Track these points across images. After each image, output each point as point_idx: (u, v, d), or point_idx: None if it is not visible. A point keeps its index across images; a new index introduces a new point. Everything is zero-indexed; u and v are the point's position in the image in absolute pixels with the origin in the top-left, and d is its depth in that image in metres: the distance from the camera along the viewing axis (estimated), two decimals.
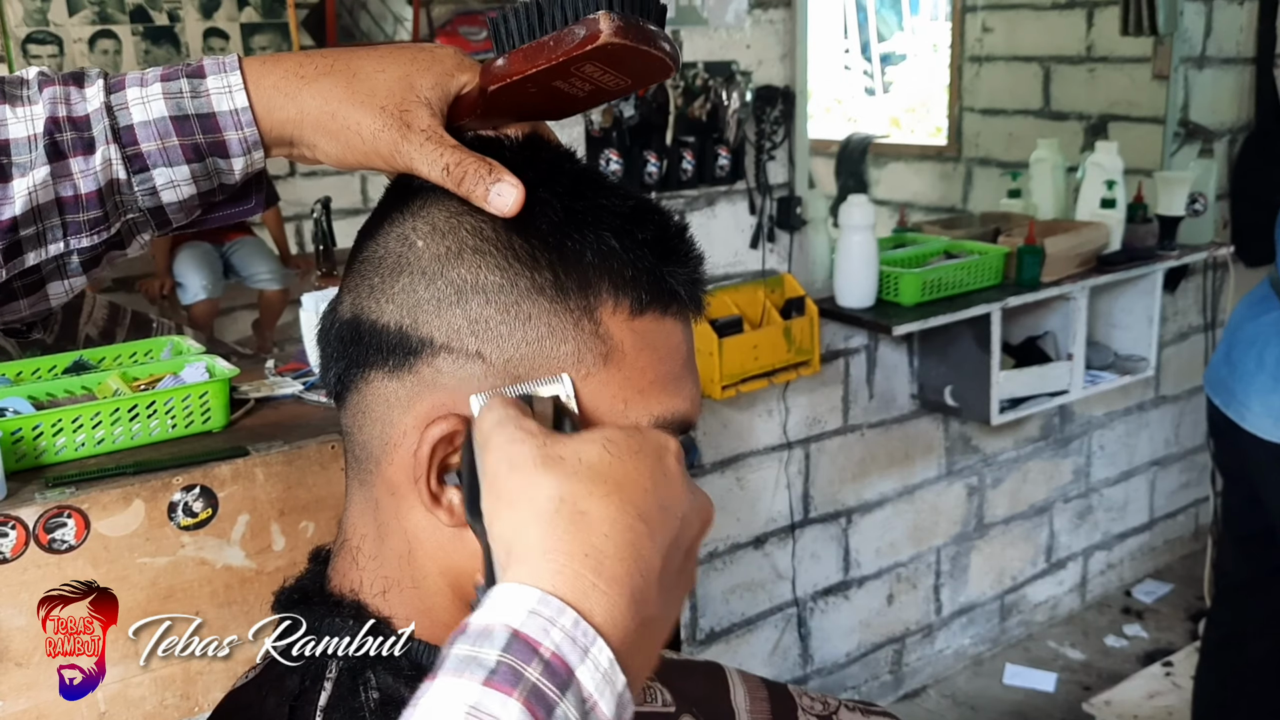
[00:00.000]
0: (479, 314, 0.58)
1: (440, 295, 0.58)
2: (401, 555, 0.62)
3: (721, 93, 2.18)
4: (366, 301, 0.60)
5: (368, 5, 3.20)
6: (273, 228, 2.93)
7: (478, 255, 0.59)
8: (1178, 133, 3.04)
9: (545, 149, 0.64)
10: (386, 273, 0.60)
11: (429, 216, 0.60)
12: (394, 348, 0.59)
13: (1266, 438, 1.87)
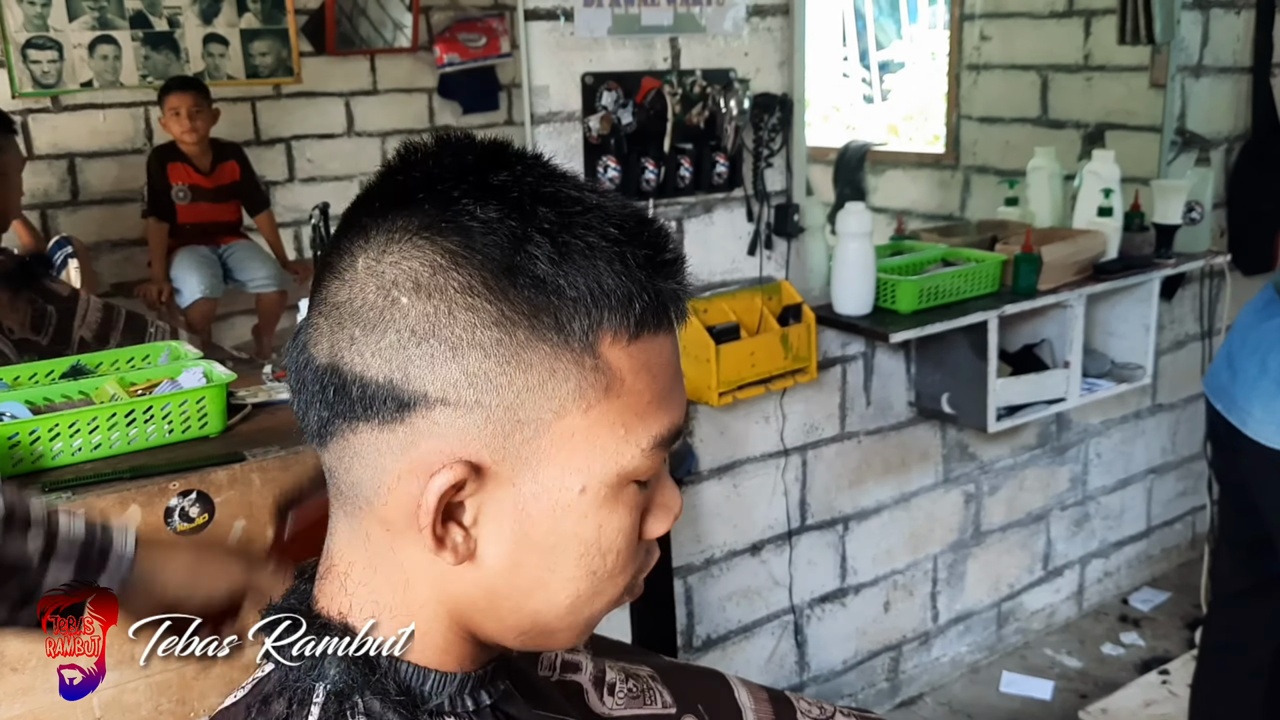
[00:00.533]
0: (477, 368, 0.58)
1: (433, 353, 0.57)
2: (396, 585, 0.64)
3: (719, 100, 2.18)
4: (348, 353, 0.59)
5: (367, 11, 3.20)
6: (267, 232, 2.93)
7: (471, 312, 0.57)
8: (1174, 141, 3.04)
9: (514, 162, 0.62)
10: (369, 326, 0.58)
11: (407, 268, 0.58)
12: (383, 402, 0.58)
13: (1268, 444, 1.86)
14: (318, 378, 0.60)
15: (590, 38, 2.06)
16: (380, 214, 0.60)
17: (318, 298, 0.62)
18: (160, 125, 2.79)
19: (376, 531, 0.63)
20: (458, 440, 0.58)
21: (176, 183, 2.79)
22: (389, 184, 0.61)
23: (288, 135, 3.10)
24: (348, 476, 0.62)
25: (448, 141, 0.62)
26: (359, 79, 3.19)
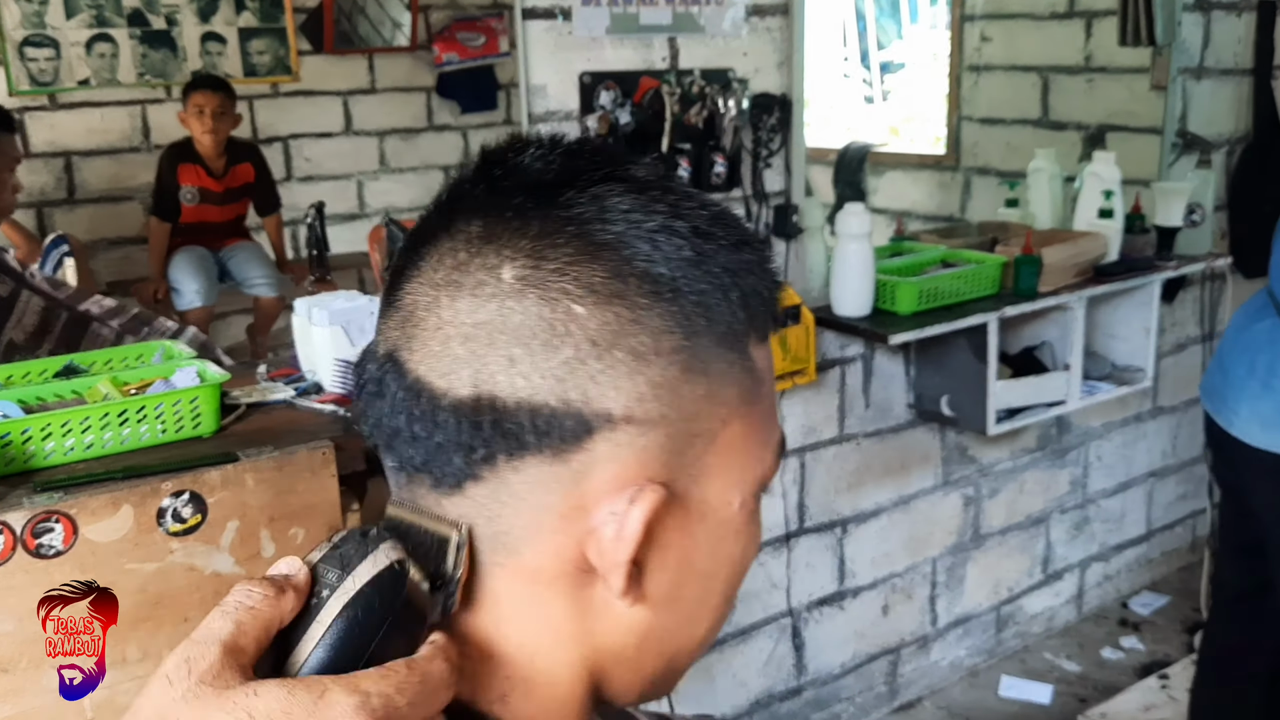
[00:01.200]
0: (660, 378, 0.52)
1: (616, 365, 0.51)
2: (536, 651, 0.55)
3: (718, 100, 2.17)
4: (505, 377, 0.50)
5: (366, 10, 3.20)
6: (272, 234, 2.93)
7: (652, 317, 0.52)
8: (1175, 143, 3.04)
9: (629, 160, 0.56)
10: (534, 343, 0.50)
11: (576, 275, 0.51)
12: (560, 427, 0.51)
13: (1254, 444, 1.88)
14: (459, 414, 0.51)
15: (588, 37, 2.05)
16: (515, 219, 0.52)
17: (430, 322, 0.52)
18: (179, 120, 2.78)
19: (515, 589, 0.54)
20: (637, 462, 0.52)
21: (186, 184, 2.78)
22: (499, 186, 0.54)
23: (285, 134, 3.10)
24: (493, 526, 0.53)
25: (548, 139, 0.56)
26: (357, 78, 3.19)
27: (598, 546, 0.52)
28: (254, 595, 0.47)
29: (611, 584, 0.53)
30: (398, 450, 0.53)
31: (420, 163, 3.26)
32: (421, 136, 3.26)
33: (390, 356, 0.53)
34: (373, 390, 0.54)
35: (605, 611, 0.55)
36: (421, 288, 0.52)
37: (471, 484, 0.52)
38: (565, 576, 0.53)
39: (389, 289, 0.56)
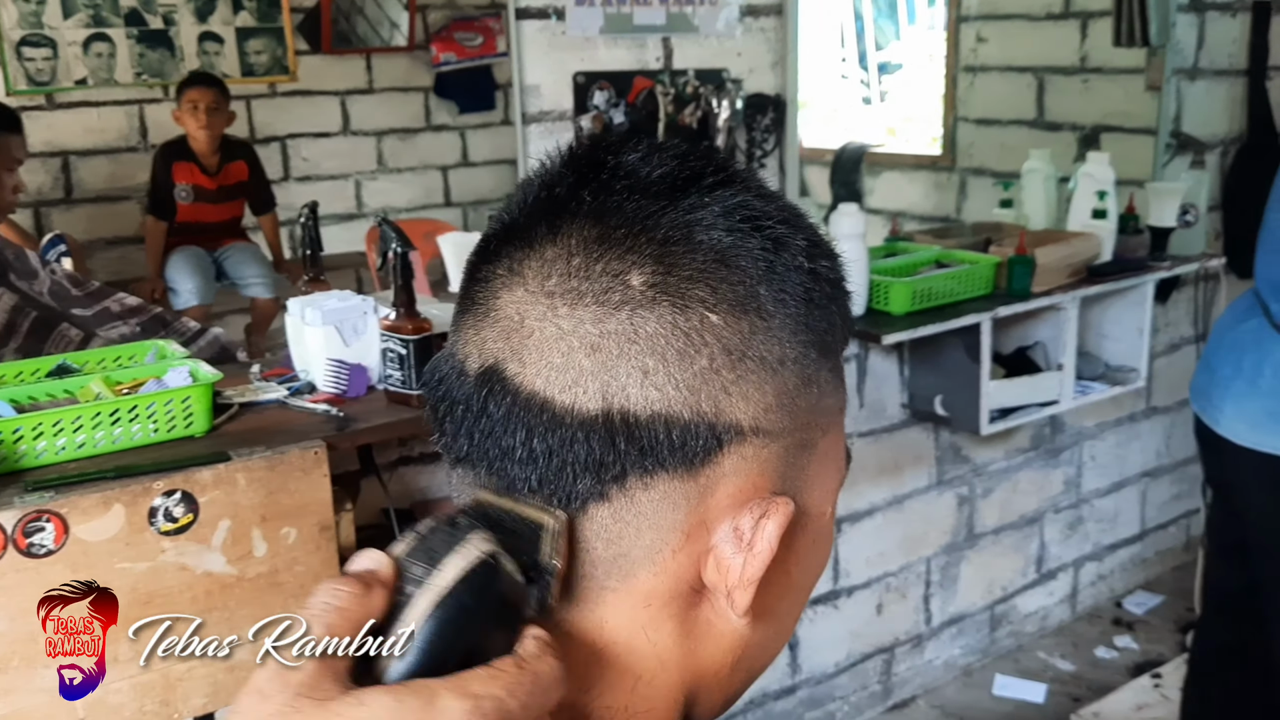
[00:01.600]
0: (784, 387, 0.51)
1: (748, 375, 0.50)
2: (636, 679, 0.52)
3: (712, 100, 2.18)
4: (638, 390, 0.48)
5: (364, 10, 3.20)
6: (269, 233, 2.93)
7: (781, 324, 0.51)
8: (1170, 144, 3.04)
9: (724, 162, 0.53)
10: (668, 353, 0.48)
11: (711, 281, 0.49)
12: (693, 441, 0.49)
13: (1240, 442, 1.89)
14: (588, 429, 0.48)
15: (582, 37, 2.06)
16: (636, 223, 0.49)
17: (547, 332, 0.48)
18: (173, 118, 2.79)
19: (624, 615, 0.51)
20: (759, 475, 0.51)
21: (180, 182, 2.79)
22: (609, 188, 0.50)
23: (283, 134, 3.10)
24: (612, 549, 0.50)
25: (645, 141, 0.53)
26: (355, 78, 3.19)
27: (718, 564, 0.51)
28: (341, 594, 0.44)
29: (736, 602, 0.51)
30: (505, 472, 0.49)
31: (418, 163, 3.26)
32: (419, 136, 3.26)
33: (493, 371, 0.49)
34: (468, 408, 0.50)
35: (708, 632, 0.53)
36: (529, 296, 0.49)
37: (595, 504, 0.49)
38: (678, 598, 0.51)
39: (470, 299, 0.52)
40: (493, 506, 0.49)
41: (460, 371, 0.51)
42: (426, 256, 2.35)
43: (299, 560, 1.43)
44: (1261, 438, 1.85)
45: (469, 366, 0.50)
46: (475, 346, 0.50)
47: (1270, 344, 1.85)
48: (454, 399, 0.51)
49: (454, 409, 0.51)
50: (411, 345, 1.57)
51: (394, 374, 1.59)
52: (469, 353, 0.51)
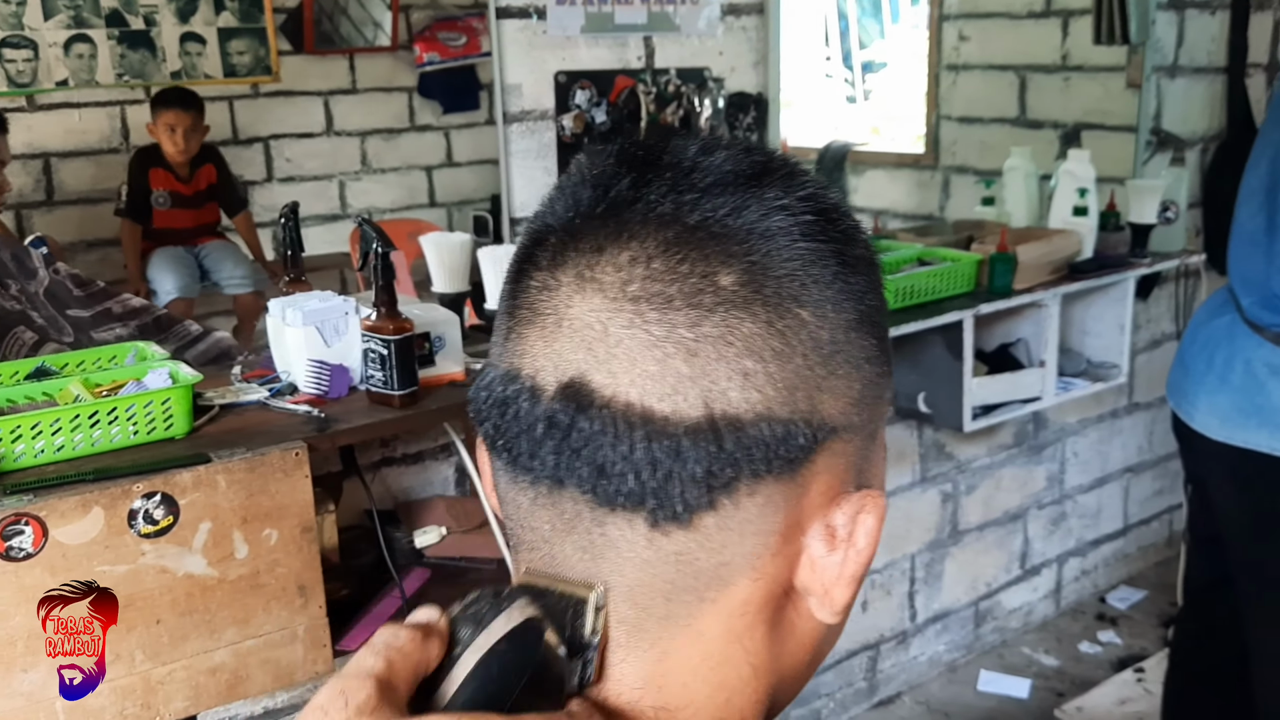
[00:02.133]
0: (866, 380, 0.51)
1: (837, 372, 0.49)
2: (732, 690, 0.51)
3: (694, 99, 2.18)
4: (739, 393, 0.46)
5: (347, 10, 3.19)
6: (245, 233, 2.93)
7: (862, 319, 0.50)
8: (1150, 141, 3.06)
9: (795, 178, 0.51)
10: (767, 352, 0.46)
11: (803, 279, 0.48)
12: (793, 443, 0.47)
13: (1213, 437, 1.91)
14: (695, 438, 0.46)
15: (563, 36, 2.06)
16: (718, 224, 0.47)
17: (637, 339, 0.46)
18: (147, 130, 2.78)
19: (720, 626, 0.50)
20: (845, 471, 0.51)
21: (156, 188, 2.78)
22: (682, 187, 0.49)
23: (266, 134, 3.09)
24: (714, 558, 0.48)
25: (705, 137, 0.52)
26: (338, 78, 3.18)
27: (812, 564, 0.50)
28: (401, 637, 0.45)
29: (834, 600, 0.50)
30: (602, 489, 0.47)
31: (402, 163, 3.25)
32: (403, 137, 3.25)
33: (577, 384, 0.46)
34: (552, 426, 0.47)
35: (791, 633, 0.53)
36: (610, 303, 0.46)
37: (701, 514, 0.47)
38: (771, 602, 0.50)
39: (529, 310, 0.49)
40: (534, 584, 0.49)
41: (532, 389, 0.47)
42: (411, 257, 2.35)
43: (280, 562, 1.43)
44: (1232, 432, 1.87)
45: (543, 382, 0.47)
46: (548, 360, 0.47)
47: (1242, 340, 1.87)
48: (531, 418, 0.47)
49: (532, 429, 0.47)
50: (393, 345, 1.57)
51: (375, 374, 1.59)
52: (540, 367, 0.47)
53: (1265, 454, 1.82)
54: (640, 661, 0.49)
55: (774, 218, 0.48)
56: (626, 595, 0.48)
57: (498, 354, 0.50)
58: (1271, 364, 1.82)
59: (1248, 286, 1.87)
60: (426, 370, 1.67)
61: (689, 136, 0.51)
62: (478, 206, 2.67)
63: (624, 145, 0.51)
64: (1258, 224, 1.83)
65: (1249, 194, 1.88)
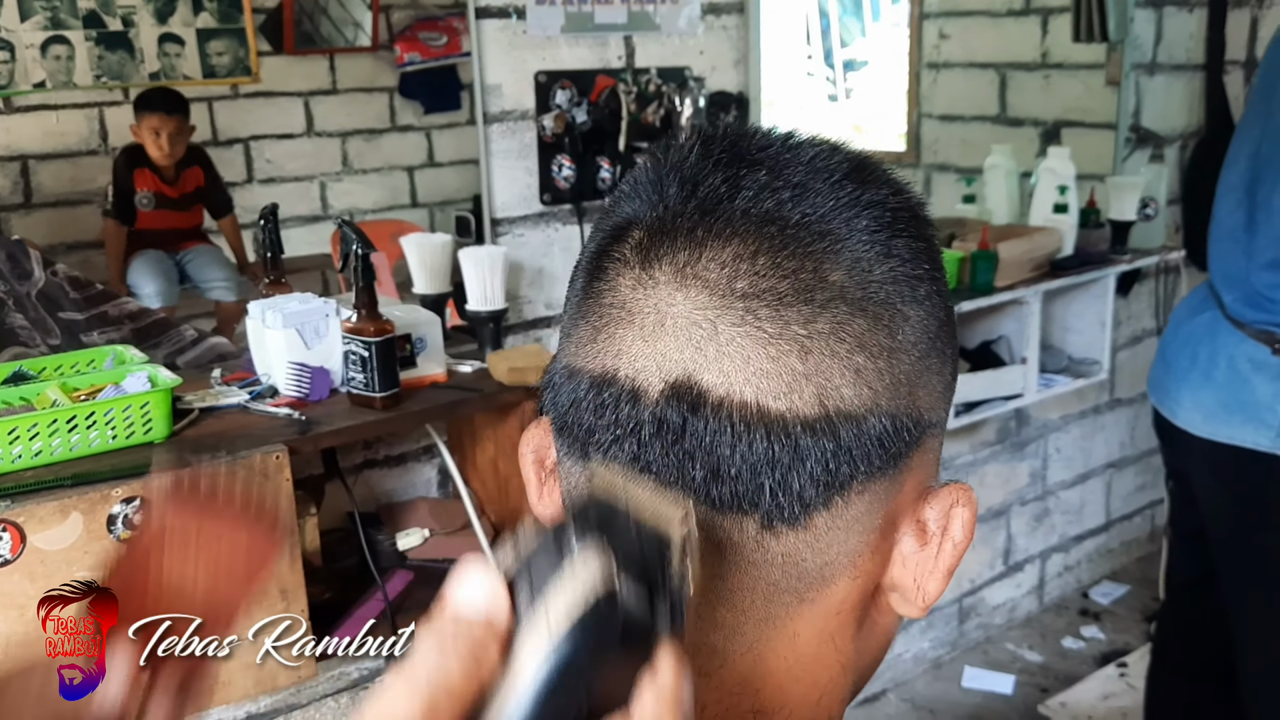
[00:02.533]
0: (949, 376, 0.51)
1: (932, 368, 0.49)
2: (823, 691, 0.50)
3: (675, 98, 2.18)
4: (851, 390, 0.45)
5: (328, 10, 3.18)
6: (230, 236, 2.91)
7: (946, 309, 0.50)
8: (1129, 138, 3.07)
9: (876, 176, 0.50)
10: (874, 347, 0.46)
11: (900, 273, 0.47)
12: (900, 439, 0.47)
13: (1196, 433, 1.92)
14: (814, 436, 0.45)
15: (543, 36, 2.06)
16: (819, 221, 0.46)
17: (750, 336, 0.44)
18: (130, 132, 2.76)
19: (815, 627, 0.49)
20: (931, 466, 0.51)
21: (141, 189, 2.76)
22: (775, 183, 0.47)
23: (246, 135, 3.08)
24: (820, 558, 0.47)
25: (784, 132, 0.51)
26: (318, 78, 3.17)
27: (904, 560, 0.50)
28: (451, 668, 0.35)
29: (927, 594, 0.50)
30: (713, 492, 0.45)
31: (383, 163, 3.24)
32: (384, 137, 3.24)
33: (686, 385, 0.44)
34: (662, 428, 0.45)
35: (873, 630, 0.52)
36: (718, 300, 0.45)
37: (816, 514, 0.46)
38: (864, 600, 0.50)
39: (619, 309, 0.47)
40: (603, 498, 0.40)
41: (633, 392, 0.45)
42: (393, 258, 2.34)
43: None
44: (1216, 428, 1.88)
45: (645, 383, 0.45)
46: (650, 360, 0.45)
47: (1224, 336, 1.88)
48: (633, 422, 0.45)
49: (637, 432, 0.45)
50: (374, 347, 1.56)
51: (357, 376, 1.58)
52: (642, 368, 0.45)
53: (1249, 449, 1.83)
54: (737, 666, 0.48)
55: (872, 214, 0.47)
56: (726, 600, 0.47)
57: (584, 355, 0.48)
58: (1255, 359, 1.83)
59: (1229, 283, 1.88)
60: (408, 372, 1.67)
61: (772, 131, 0.50)
62: (460, 207, 2.66)
63: (704, 139, 0.49)
64: (1237, 220, 1.84)
65: (1227, 190, 1.88)
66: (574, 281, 0.51)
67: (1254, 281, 1.81)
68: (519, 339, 2.16)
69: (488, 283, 1.89)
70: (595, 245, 0.50)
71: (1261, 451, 1.82)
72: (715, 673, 0.48)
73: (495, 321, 1.92)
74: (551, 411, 0.50)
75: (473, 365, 1.79)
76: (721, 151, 0.48)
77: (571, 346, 0.49)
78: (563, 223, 2.18)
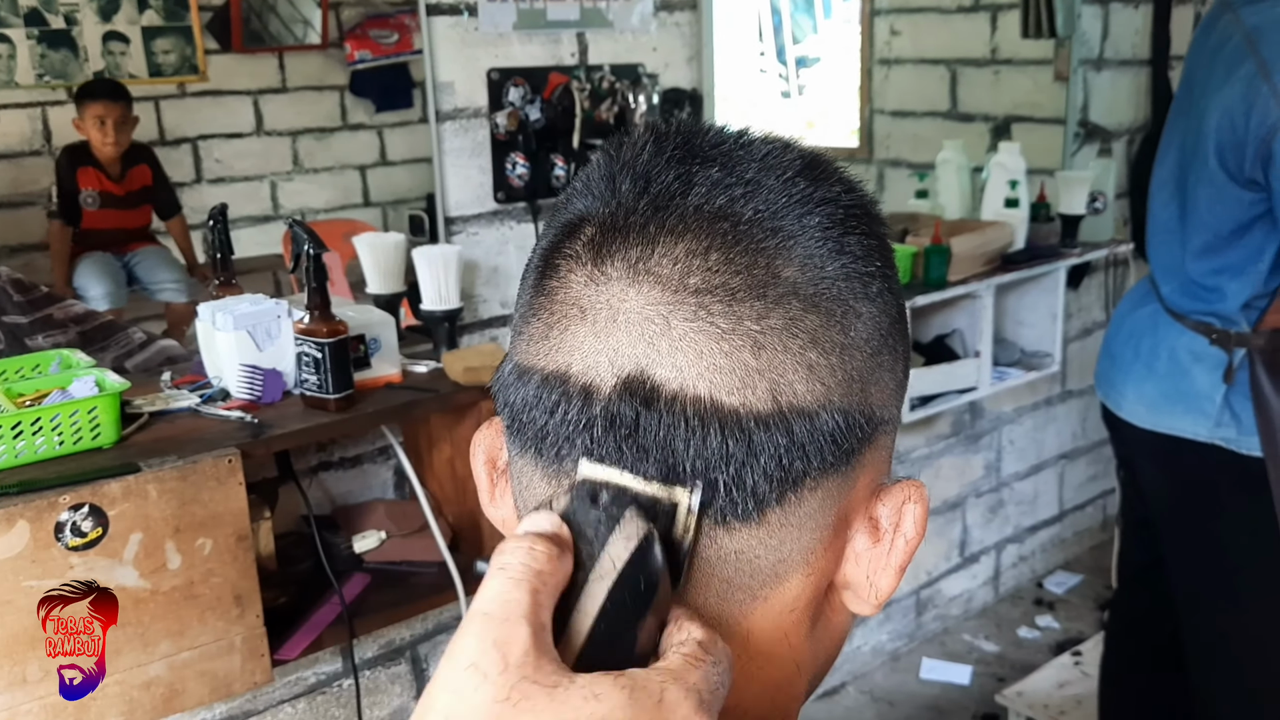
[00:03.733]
0: (901, 372, 0.51)
1: (884, 364, 0.49)
2: (777, 689, 0.50)
3: (628, 95, 2.18)
4: (803, 385, 0.45)
5: (276, 7, 3.13)
6: (178, 237, 2.87)
7: (902, 312, 0.51)
8: (1078, 133, 3.11)
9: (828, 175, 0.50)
10: (827, 344, 0.46)
11: (851, 269, 0.47)
12: (852, 435, 0.47)
13: (1141, 425, 1.94)
14: (769, 431, 0.45)
15: (495, 33, 2.04)
16: (772, 216, 0.46)
17: (704, 332, 0.44)
18: (74, 126, 2.71)
19: (769, 624, 0.49)
20: (883, 462, 0.51)
21: (86, 188, 2.71)
22: (729, 179, 0.47)
23: (194, 135, 3.03)
24: (773, 555, 0.47)
25: (733, 129, 0.51)
26: (267, 77, 3.13)
27: (857, 557, 0.50)
28: (538, 555, 0.40)
29: (880, 590, 0.50)
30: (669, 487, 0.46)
31: (335, 162, 3.20)
32: (335, 136, 3.20)
33: (639, 380, 0.44)
34: (614, 424, 0.44)
35: (827, 628, 0.53)
36: (670, 295, 0.44)
37: (770, 510, 0.46)
38: (818, 597, 0.50)
39: (571, 305, 0.46)
40: (630, 486, 0.45)
41: (586, 387, 0.45)
42: (346, 258, 2.32)
43: (215, 572, 1.40)
44: (1158, 419, 1.91)
45: (598, 379, 0.45)
46: (603, 356, 0.45)
47: (1165, 328, 1.90)
48: (586, 417, 0.45)
49: (590, 428, 0.45)
50: (327, 348, 1.54)
51: (310, 378, 1.56)
52: (594, 364, 0.45)
53: (1189, 439, 1.86)
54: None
55: (825, 212, 0.47)
56: (679, 597, 0.47)
57: (536, 353, 0.48)
58: (1194, 350, 1.86)
59: (1166, 275, 1.91)
60: (362, 373, 1.65)
61: (725, 128, 0.50)
62: (413, 206, 2.64)
63: (657, 135, 0.49)
64: (1171, 214, 1.87)
65: (1160, 185, 1.92)
66: (525, 279, 0.50)
67: (1189, 271, 1.84)
68: (474, 338, 2.14)
69: (442, 282, 1.87)
70: (547, 242, 0.49)
71: (1200, 441, 1.85)
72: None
73: (450, 321, 1.91)
74: (504, 411, 0.49)
75: (428, 365, 1.78)
76: (674, 148, 0.48)
77: (523, 344, 0.49)
78: (517, 221, 2.17)
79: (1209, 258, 1.81)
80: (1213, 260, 1.80)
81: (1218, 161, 1.71)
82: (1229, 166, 1.70)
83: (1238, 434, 1.81)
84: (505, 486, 0.53)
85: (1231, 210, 1.73)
